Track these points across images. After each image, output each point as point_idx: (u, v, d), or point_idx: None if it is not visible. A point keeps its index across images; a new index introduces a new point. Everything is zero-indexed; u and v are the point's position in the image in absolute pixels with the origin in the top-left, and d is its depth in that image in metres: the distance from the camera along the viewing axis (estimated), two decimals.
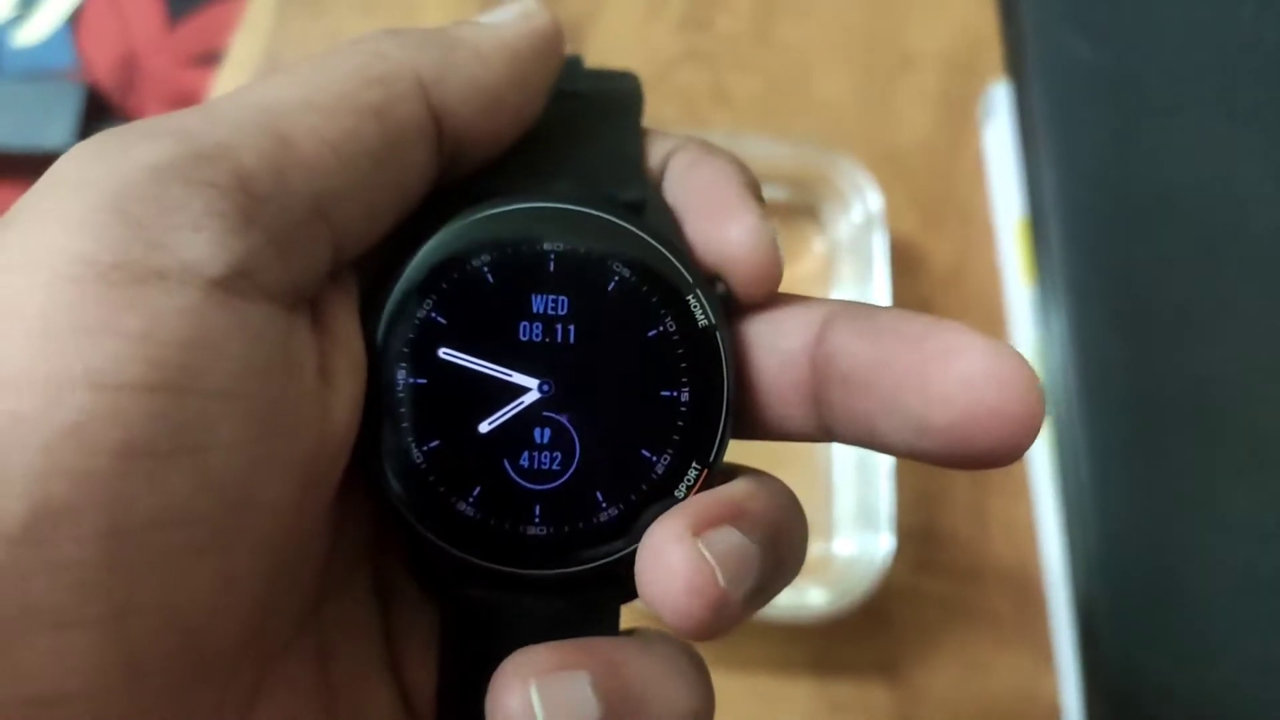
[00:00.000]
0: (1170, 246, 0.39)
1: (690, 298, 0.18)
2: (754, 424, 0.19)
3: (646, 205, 0.19)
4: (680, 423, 0.18)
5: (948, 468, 0.17)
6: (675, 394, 0.18)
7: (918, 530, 0.38)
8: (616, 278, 0.18)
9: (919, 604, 0.38)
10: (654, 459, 0.18)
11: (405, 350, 0.18)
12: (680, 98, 0.45)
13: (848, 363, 0.17)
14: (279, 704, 0.17)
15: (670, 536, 0.16)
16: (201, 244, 0.14)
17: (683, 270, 0.18)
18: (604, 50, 0.45)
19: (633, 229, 0.18)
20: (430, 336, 0.18)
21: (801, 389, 0.18)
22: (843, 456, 0.39)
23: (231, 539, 0.14)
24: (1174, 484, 0.36)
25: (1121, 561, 0.36)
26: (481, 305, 0.18)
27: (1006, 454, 0.16)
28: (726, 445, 0.18)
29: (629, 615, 0.19)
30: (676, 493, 0.18)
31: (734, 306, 0.19)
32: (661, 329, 0.18)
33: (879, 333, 0.17)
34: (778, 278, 0.18)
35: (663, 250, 0.18)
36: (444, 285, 0.18)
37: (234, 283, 0.14)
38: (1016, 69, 0.42)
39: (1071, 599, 0.37)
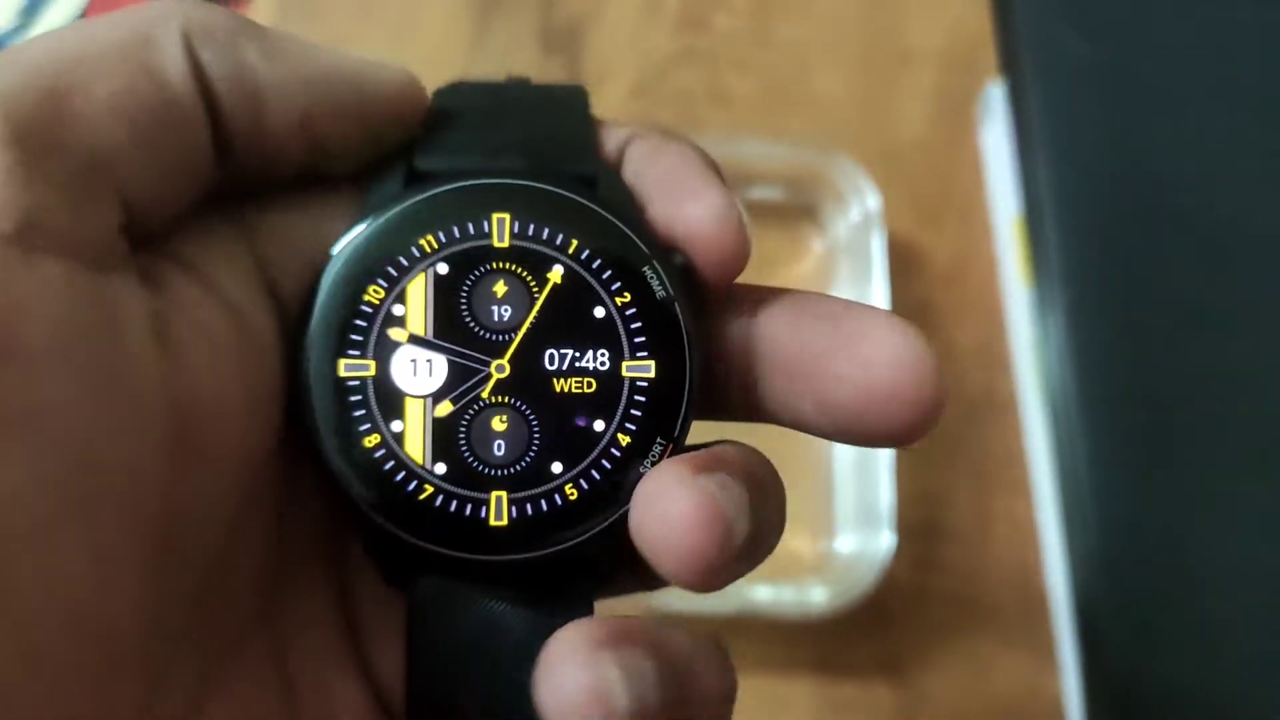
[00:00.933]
0: (1169, 243, 0.39)
1: (646, 269, 0.18)
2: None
3: (599, 180, 0.19)
4: (642, 398, 0.18)
5: (849, 444, 0.18)
6: (636, 369, 0.18)
7: (919, 528, 0.39)
8: (569, 252, 0.18)
9: (921, 602, 0.38)
10: (617, 436, 0.18)
11: (350, 336, 0.17)
12: (677, 100, 0.45)
13: (769, 345, 0.18)
14: (234, 701, 0.16)
15: (670, 479, 0.16)
16: None
17: (638, 242, 0.18)
18: (600, 53, 0.45)
19: (584, 202, 0.18)
20: (375, 320, 0.18)
21: (735, 371, 0.18)
22: (843, 454, 0.39)
23: (92, 505, 0.14)
24: (1175, 481, 0.36)
25: (1123, 559, 0.36)
26: (429, 286, 0.18)
27: (903, 436, 0.17)
28: (691, 420, 0.18)
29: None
30: (641, 469, 0.17)
31: (695, 278, 0.18)
32: (618, 303, 0.18)
33: (801, 315, 0.18)
34: (744, 255, 0.18)
35: (616, 223, 0.18)
36: (388, 268, 0.18)
37: (27, 237, 0.14)
38: (1011, 67, 0.42)
39: (1073, 597, 0.37)
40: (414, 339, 0.18)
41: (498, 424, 0.18)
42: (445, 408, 0.17)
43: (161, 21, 0.17)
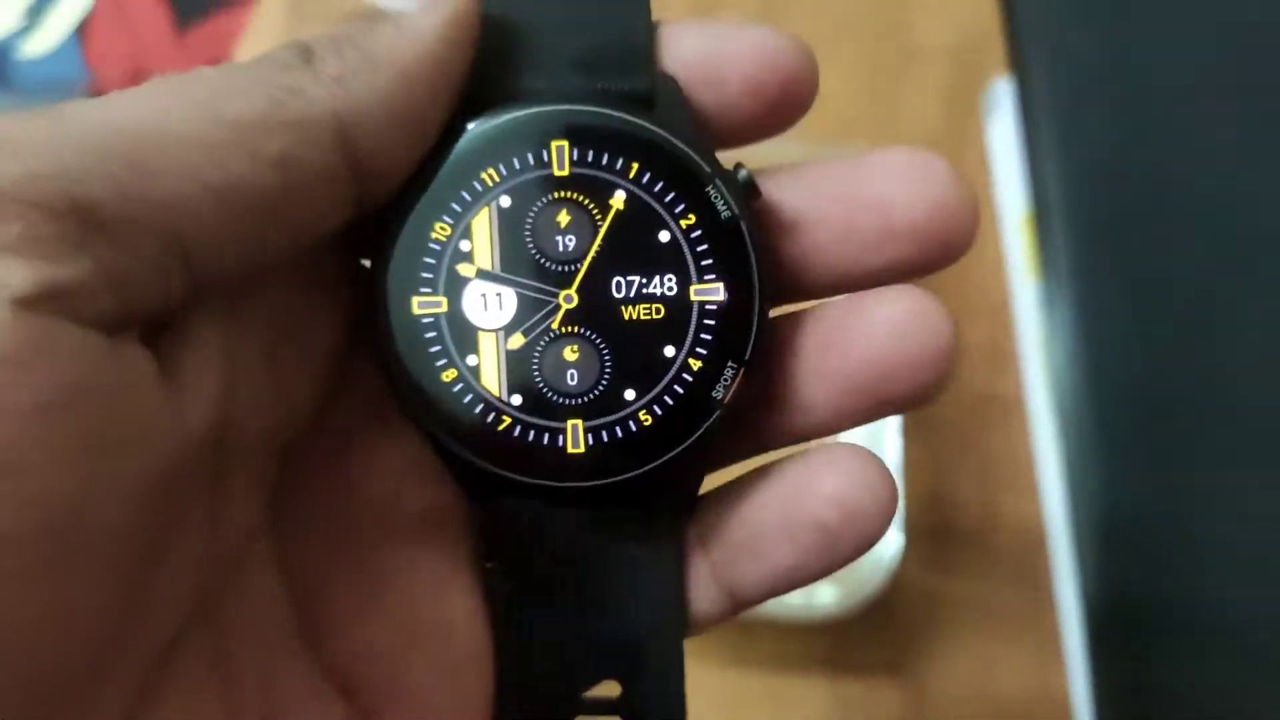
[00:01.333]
0: (1177, 240, 0.38)
1: (710, 189, 0.18)
2: None
3: (657, 97, 0.18)
4: (711, 321, 0.18)
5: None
6: (704, 292, 0.18)
7: (926, 528, 0.38)
8: (630, 177, 0.18)
9: (929, 602, 0.38)
10: (688, 361, 0.18)
11: (422, 274, 0.18)
12: None
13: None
14: (176, 700, 0.16)
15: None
16: (12, 265, 0.13)
17: (700, 161, 0.18)
18: None
19: (642, 123, 0.18)
20: (443, 256, 0.18)
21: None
22: None
23: (64, 565, 0.13)
24: (1184, 480, 0.36)
25: (1131, 558, 0.36)
26: (493, 220, 0.18)
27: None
28: (764, 342, 0.18)
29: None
30: (714, 393, 0.18)
31: (757, 194, 0.18)
32: (683, 225, 0.18)
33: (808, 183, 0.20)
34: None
35: (676, 142, 0.18)
36: (452, 204, 0.18)
37: (45, 303, 0.13)
38: (1019, 64, 0.42)
39: (1081, 596, 0.37)
40: (482, 273, 0.18)
41: (569, 354, 0.18)
42: (517, 340, 0.18)
43: (305, 100, 0.15)
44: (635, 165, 0.18)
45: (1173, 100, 0.40)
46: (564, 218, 0.18)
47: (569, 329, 0.18)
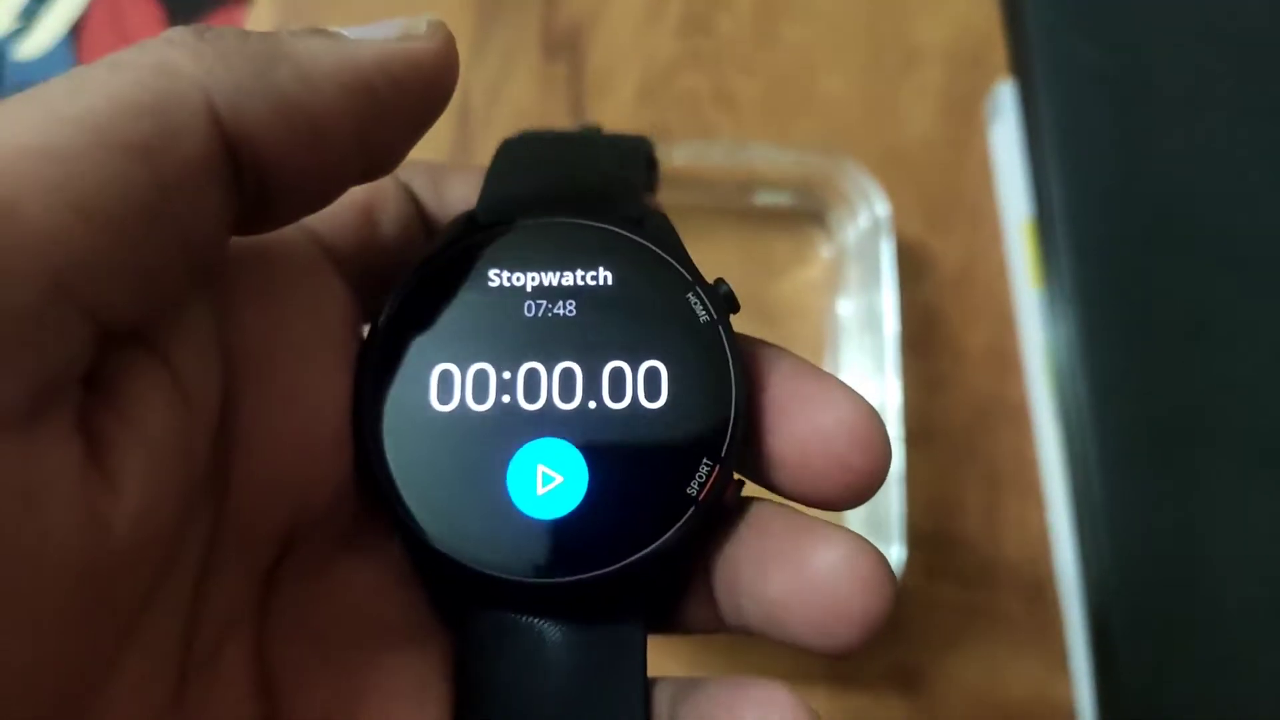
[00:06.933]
0: (1181, 249, 0.38)
1: (690, 295, 0.18)
2: None
3: (645, 220, 0.19)
4: (688, 420, 0.18)
5: (795, 502, 0.18)
6: (681, 391, 0.18)
7: (929, 536, 0.38)
8: (616, 283, 0.18)
9: (933, 611, 0.38)
10: (664, 458, 0.18)
11: (411, 380, 0.18)
12: (683, 103, 0.44)
13: None
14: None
15: None
16: None
17: (682, 271, 0.19)
18: (604, 56, 0.45)
19: (630, 235, 0.19)
20: (431, 363, 0.18)
21: None
22: None
23: None
24: (1188, 488, 0.36)
25: (1136, 566, 0.36)
26: (479, 326, 0.18)
27: (845, 502, 0.17)
28: (738, 441, 0.18)
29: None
30: (689, 490, 0.18)
31: (735, 306, 0.19)
32: (664, 328, 0.18)
33: (760, 368, 0.18)
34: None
35: (661, 254, 0.19)
36: (438, 319, 0.18)
37: None
38: (1022, 70, 0.41)
39: (1086, 604, 0.36)
40: (462, 380, 0.18)
41: (546, 454, 0.18)
42: (497, 453, 0.18)
43: (176, 79, 0.13)
44: (621, 272, 0.19)
45: (1177, 106, 0.40)
46: (547, 317, 0.18)
47: (549, 430, 0.18)
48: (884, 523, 0.36)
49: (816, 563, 0.17)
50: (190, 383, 0.15)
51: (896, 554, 0.35)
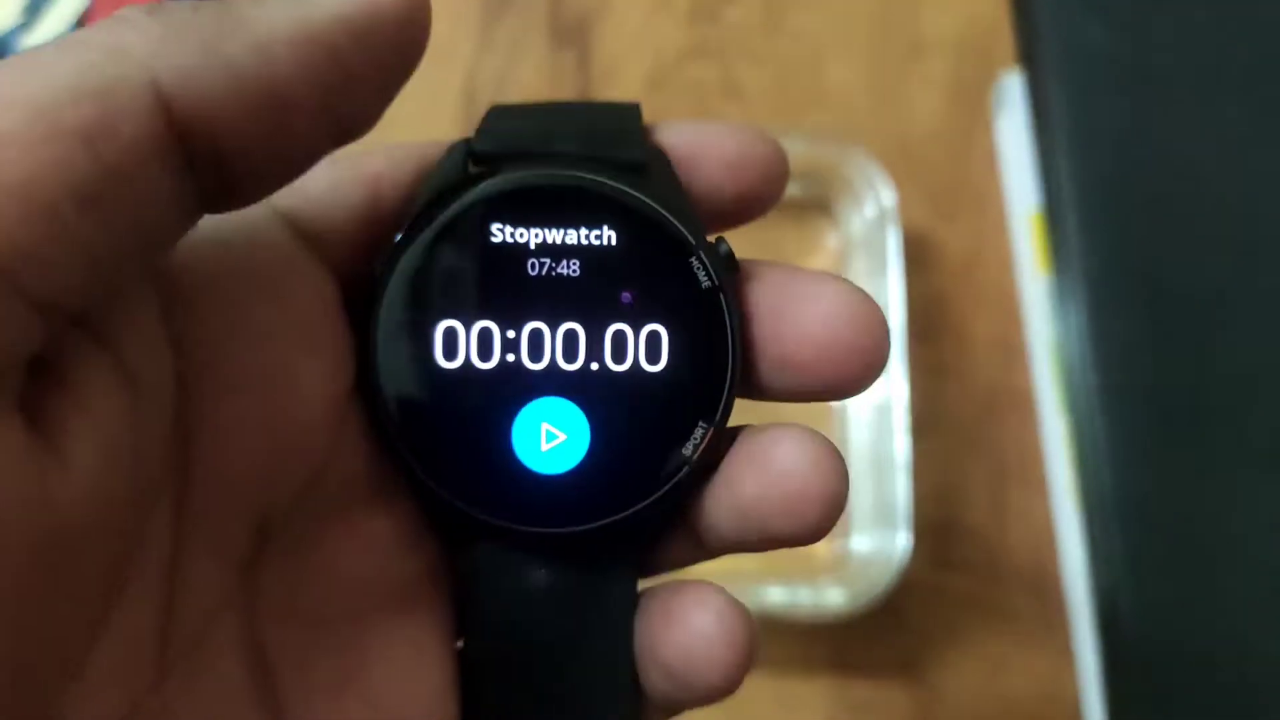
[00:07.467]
0: (1191, 236, 0.38)
1: (693, 260, 0.18)
2: None
3: (649, 166, 0.19)
4: (685, 383, 0.18)
5: (805, 401, 0.19)
6: (680, 354, 0.18)
7: (934, 526, 0.38)
8: (619, 243, 0.19)
9: (937, 601, 0.38)
10: (662, 419, 0.18)
11: (414, 328, 0.18)
12: (690, 93, 0.44)
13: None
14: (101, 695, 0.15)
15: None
16: None
17: (685, 233, 0.19)
18: (611, 45, 0.45)
19: (633, 193, 0.19)
20: (432, 312, 0.18)
21: None
22: (858, 453, 0.38)
23: None
24: (1198, 478, 0.36)
25: (1144, 556, 0.35)
26: (481, 289, 0.18)
27: (859, 385, 0.18)
28: (732, 405, 0.19)
29: None
30: (684, 451, 0.18)
31: (735, 266, 0.19)
32: (665, 292, 0.19)
33: (745, 281, 0.19)
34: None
35: (664, 214, 0.19)
36: (441, 275, 0.18)
37: None
38: (1030, 58, 0.41)
39: (1093, 595, 0.36)
40: (464, 321, 0.18)
41: (547, 411, 0.19)
42: (500, 409, 0.18)
43: (121, 61, 0.13)
44: (624, 233, 0.19)
45: (1187, 92, 0.39)
46: (549, 278, 0.19)
47: (549, 388, 0.19)
48: (890, 510, 0.36)
49: (778, 460, 0.18)
50: (137, 367, 0.15)
51: (902, 542, 0.35)
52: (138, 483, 0.15)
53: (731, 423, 0.19)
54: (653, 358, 0.18)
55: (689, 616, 0.18)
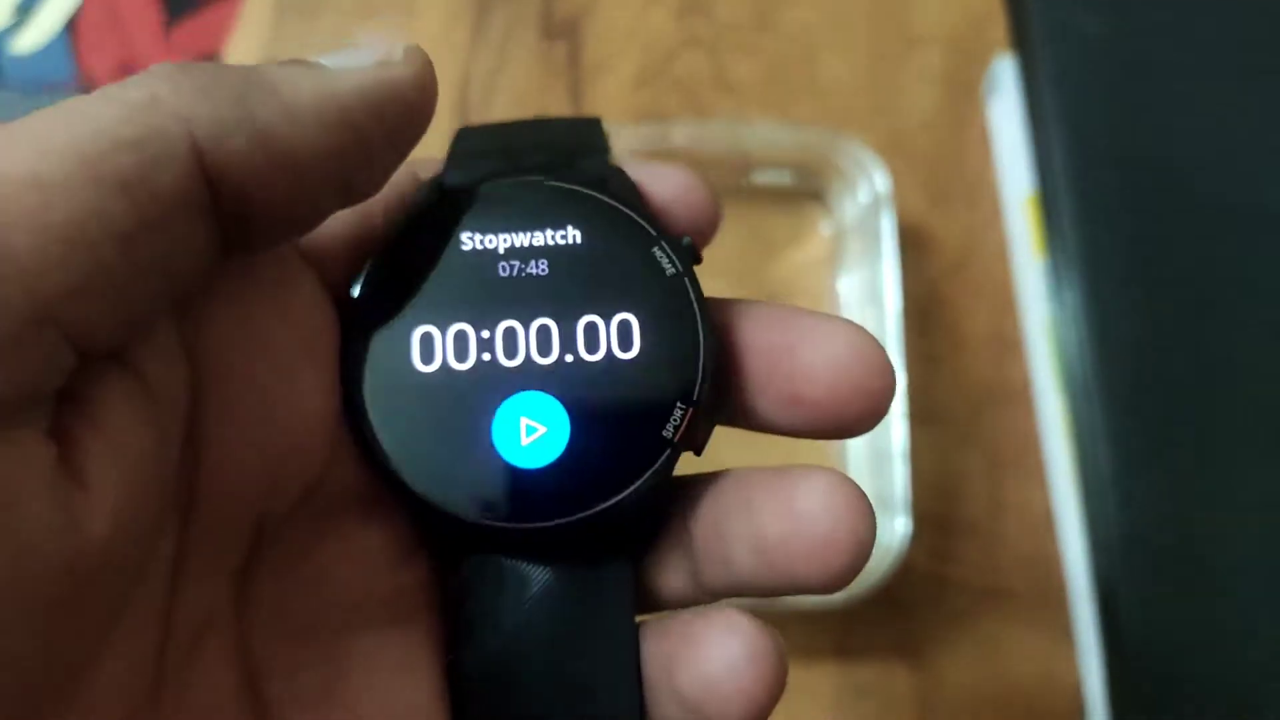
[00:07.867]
0: (1186, 222, 0.38)
1: (656, 249, 0.19)
2: None
3: (609, 179, 0.20)
4: (661, 366, 0.19)
5: (811, 438, 0.19)
6: (652, 340, 0.19)
7: (934, 516, 0.38)
8: (584, 241, 0.19)
9: (938, 589, 0.38)
10: (640, 404, 0.19)
11: (394, 340, 0.19)
12: (681, 87, 0.44)
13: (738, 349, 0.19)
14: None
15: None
16: None
17: (646, 227, 0.19)
18: (602, 40, 0.45)
19: (595, 195, 0.20)
20: (411, 321, 0.19)
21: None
22: (857, 442, 0.39)
23: None
24: (1196, 465, 0.36)
25: (1143, 545, 0.35)
26: (455, 295, 0.19)
27: (866, 424, 0.18)
28: (709, 383, 0.19)
29: None
30: (664, 433, 0.18)
31: (698, 258, 0.20)
32: (633, 281, 0.19)
33: (752, 320, 0.19)
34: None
35: (625, 211, 0.19)
36: (416, 284, 0.19)
37: None
38: (1023, 44, 0.41)
39: (1092, 582, 0.36)
40: (441, 335, 0.19)
41: (526, 406, 0.19)
42: (479, 404, 0.19)
43: (157, 113, 0.14)
44: (589, 229, 0.19)
45: (1180, 80, 0.40)
46: (519, 276, 0.19)
47: (526, 379, 0.19)
48: (889, 498, 0.36)
49: (802, 500, 0.18)
50: (159, 389, 0.16)
51: (902, 526, 0.35)
52: (156, 504, 0.15)
53: (742, 459, 0.19)
54: (625, 345, 0.19)
55: (714, 643, 0.17)
